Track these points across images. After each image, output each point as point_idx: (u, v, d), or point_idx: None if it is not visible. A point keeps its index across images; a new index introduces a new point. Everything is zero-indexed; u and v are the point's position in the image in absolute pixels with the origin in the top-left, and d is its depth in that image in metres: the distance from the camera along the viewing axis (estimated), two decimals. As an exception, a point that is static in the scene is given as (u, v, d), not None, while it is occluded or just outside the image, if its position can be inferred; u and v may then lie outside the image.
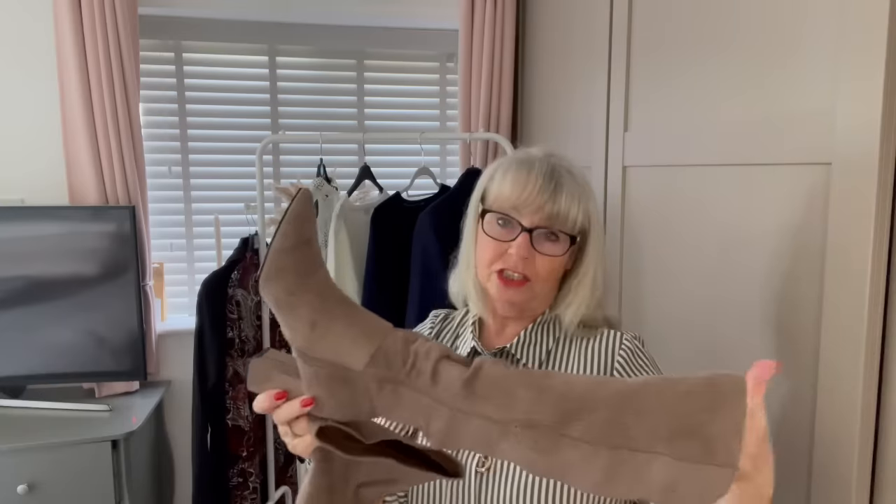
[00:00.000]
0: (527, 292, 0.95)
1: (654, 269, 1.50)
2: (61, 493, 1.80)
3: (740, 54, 1.24)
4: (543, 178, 0.93)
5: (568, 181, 0.94)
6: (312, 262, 0.68)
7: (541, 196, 0.92)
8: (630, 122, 1.59)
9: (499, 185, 0.96)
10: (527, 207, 0.93)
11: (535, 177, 0.93)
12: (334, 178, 1.99)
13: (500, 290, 0.95)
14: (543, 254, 0.93)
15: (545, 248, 0.93)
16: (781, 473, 1.16)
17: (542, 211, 0.92)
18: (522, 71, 2.33)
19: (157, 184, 2.33)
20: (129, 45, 2.03)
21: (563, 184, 0.94)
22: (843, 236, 1.01)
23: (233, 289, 1.99)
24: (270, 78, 2.39)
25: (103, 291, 2.01)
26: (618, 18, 1.62)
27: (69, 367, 2.02)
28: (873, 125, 0.96)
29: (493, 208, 0.95)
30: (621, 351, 0.96)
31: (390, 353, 0.65)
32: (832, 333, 1.03)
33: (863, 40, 0.97)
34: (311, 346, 0.66)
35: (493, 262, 0.95)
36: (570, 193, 0.94)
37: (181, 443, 2.34)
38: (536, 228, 0.93)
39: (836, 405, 1.03)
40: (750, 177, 1.21)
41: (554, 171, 0.94)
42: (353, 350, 0.65)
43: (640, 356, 0.96)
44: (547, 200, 0.92)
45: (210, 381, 1.95)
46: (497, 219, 0.95)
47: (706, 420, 0.54)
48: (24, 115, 2.12)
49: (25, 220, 1.97)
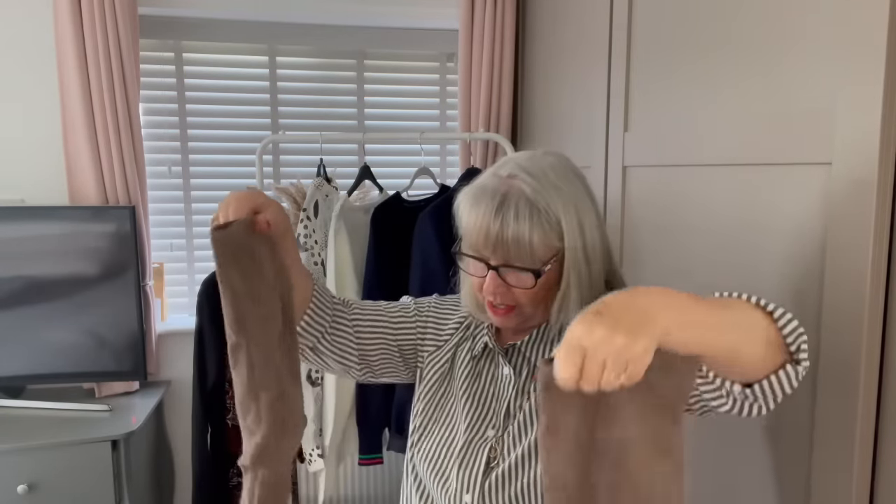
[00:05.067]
0: (517, 317, 0.98)
1: (654, 269, 1.50)
2: (61, 493, 1.80)
3: (740, 54, 1.24)
4: (491, 214, 0.91)
5: (517, 206, 0.90)
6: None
7: (491, 229, 0.91)
8: (630, 122, 1.59)
9: (462, 216, 0.97)
10: (484, 245, 0.93)
11: (485, 211, 0.91)
12: (334, 178, 1.99)
13: (492, 316, 0.99)
14: (516, 287, 0.94)
15: (516, 279, 0.93)
16: (782, 472, 1.16)
17: (498, 244, 0.91)
18: (522, 71, 2.33)
19: (157, 184, 2.33)
20: (129, 45, 2.03)
21: (509, 214, 0.90)
22: (843, 236, 1.01)
23: (233, 289, 1.98)
24: (270, 78, 2.39)
25: (103, 291, 2.01)
26: (618, 18, 1.62)
27: (69, 367, 2.02)
28: (873, 125, 0.96)
29: (462, 251, 0.97)
30: None
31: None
32: (832, 333, 1.03)
33: (863, 40, 0.97)
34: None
35: (479, 293, 0.98)
36: (518, 222, 0.89)
37: (181, 443, 2.34)
38: (501, 265, 0.93)
39: (837, 404, 1.03)
40: (750, 177, 1.21)
41: (504, 199, 0.90)
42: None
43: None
44: (497, 232, 0.90)
45: (210, 381, 1.95)
46: (470, 259, 0.96)
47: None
48: (25, 116, 2.12)
49: (25, 220, 1.97)
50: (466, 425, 1.00)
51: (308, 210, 1.84)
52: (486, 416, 1.00)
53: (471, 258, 0.95)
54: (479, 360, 1.06)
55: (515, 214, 0.90)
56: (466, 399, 1.02)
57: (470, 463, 0.96)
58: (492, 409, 1.00)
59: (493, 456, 0.96)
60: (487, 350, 1.06)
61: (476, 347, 1.06)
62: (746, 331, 0.72)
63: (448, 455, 0.99)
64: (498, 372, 1.03)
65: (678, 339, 0.65)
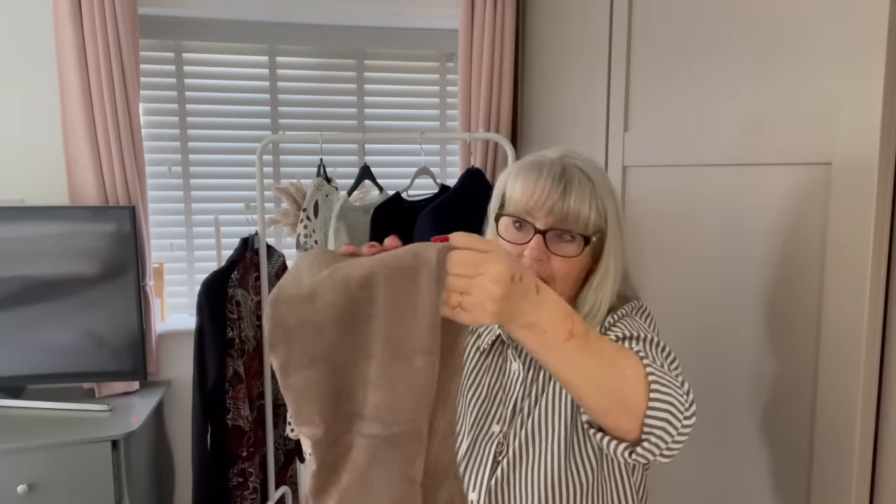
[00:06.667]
0: None
1: (654, 269, 1.50)
2: (61, 493, 1.80)
3: (740, 54, 1.24)
4: (553, 180, 0.93)
5: (579, 181, 0.94)
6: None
7: (551, 197, 0.93)
8: (630, 122, 1.59)
9: (511, 189, 0.97)
10: (538, 210, 0.93)
11: (545, 179, 0.94)
12: (334, 178, 1.99)
13: None
14: (558, 255, 0.94)
15: (560, 248, 0.94)
16: (782, 471, 1.16)
17: (553, 212, 0.93)
18: (522, 71, 2.33)
19: (157, 184, 2.33)
20: (129, 45, 2.03)
21: (573, 184, 0.94)
22: (843, 236, 1.01)
23: (233, 289, 1.99)
24: (270, 78, 2.39)
25: (103, 291, 2.01)
26: (618, 18, 1.62)
27: (69, 367, 2.02)
28: (873, 125, 0.96)
29: (507, 212, 0.97)
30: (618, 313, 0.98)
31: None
32: (832, 333, 1.03)
33: (863, 41, 0.97)
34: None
35: None
36: (580, 193, 0.93)
37: (181, 443, 2.34)
38: (549, 230, 0.93)
39: (837, 404, 1.03)
40: (750, 177, 1.21)
41: (565, 172, 0.94)
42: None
43: (631, 317, 0.98)
44: (557, 201, 0.93)
45: (210, 381, 1.95)
46: (511, 222, 0.97)
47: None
48: (25, 115, 2.12)
49: (25, 220, 1.97)
50: (472, 421, 1.00)
51: (308, 210, 1.84)
52: (492, 411, 1.00)
53: (517, 220, 0.96)
54: (486, 354, 1.06)
55: (578, 183, 0.94)
56: (473, 394, 1.03)
57: (477, 462, 0.97)
58: (498, 404, 1.00)
59: (500, 451, 0.96)
60: (496, 345, 1.06)
61: (483, 343, 1.07)
62: (610, 379, 0.73)
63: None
64: (506, 367, 1.03)
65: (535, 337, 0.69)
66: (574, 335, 0.70)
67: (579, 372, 0.71)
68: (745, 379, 1.26)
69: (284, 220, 1.95)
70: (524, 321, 0.67)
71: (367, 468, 0.64)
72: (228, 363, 1.99)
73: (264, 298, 1.98)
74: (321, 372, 0.65)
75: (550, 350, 0.70)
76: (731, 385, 1.29)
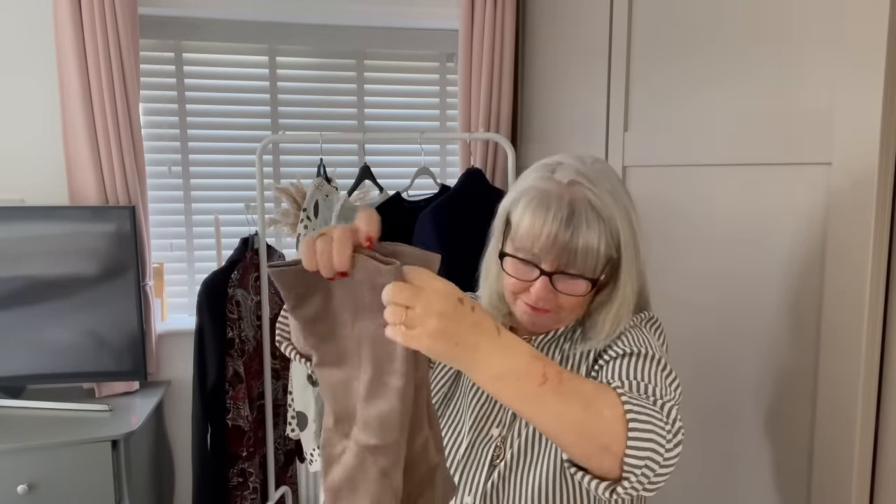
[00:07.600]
0: (552, 318, 0.96)
1: (654, 269, 1.50)
2: (61, 493, 1.81)
3: (740, 54, 1.24)
4: (561, 223, 0.89)
5: (588, 220, 0.89)
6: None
7: (558, 242, 0.89)
8: (630, 122, 1.59)
9: (516, 219, 0.93)
10: (546, 253, 0.90)
11: (552, 222, 0.89)
12: (334, 178, 1.99)
13: (525, 314, 0.96)
14: (566, 293, 0.92)
15: (567, 287, 0.92)
16: (782, 471, 1.16)
17: (560, 256, 0.90)
18: (522, 71, 2.33)
19: (157, 184, 2.33)
20: (129, 45, 2.03)
21: (580, 227, 0.89)
22: (843, 236, 1.01)
23: (233, 289, 1.99)
24: (270, 78, 2.39)
25: (103, 291, 2.01)
26: (618, 18, 1.62)
27: (69, 367, 2.02)
28: (873, 125, 0.96)
29: (512, 250, 0.94)
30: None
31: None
32: (832, 333, 1.03)
33: (863, 41, 0.97)
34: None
35: (516, 294, 0.96)
36: (589, 233, 0.89)
37: (181, 443, 2.34)
38: (556, 272, 0.91)
39: (837, 404, 1.03)
40: (750, 177, 1.21)
41: (573, 213, 0.89)
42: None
43: (639, 328, 0.97)
44: (565, 245, 0.89)
45: (210, 381, 1.95)
46: (517, 261, 0.93)
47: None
48: (25, 115, 2.12)
49: (25, 220, 1.97)
50: (471, 424, 1.00)
51: (308, 210, 1.84)
52: (492, 414, 1.00)
53: (521, 262, 0.93)
54: None
55: (587, 224, 0.89)
56: (473, 396, 1.02)
57: (474, 465, 0.96)
58: (499, 407, 1.00)
59: (497, 455, 0.96)
60: None
61: None
62: (587, 421, 0.71)
63: (452, 457, 0.99)
64: None
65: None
66: (548, 378, 0.68)
67: (558, 419, 0.69)
68: (744, 379, 1.26)
69: (284, 220, 1.95)
70: (492, 371, 0.66)
71: (353, 469, 0.70)
72: (228, 363, 1.99)
73: (264, 298, 1.99)
74: (341, 374, 0.73)
75: (528, 400, 0.68)
76: (730, 385, 1.29)
